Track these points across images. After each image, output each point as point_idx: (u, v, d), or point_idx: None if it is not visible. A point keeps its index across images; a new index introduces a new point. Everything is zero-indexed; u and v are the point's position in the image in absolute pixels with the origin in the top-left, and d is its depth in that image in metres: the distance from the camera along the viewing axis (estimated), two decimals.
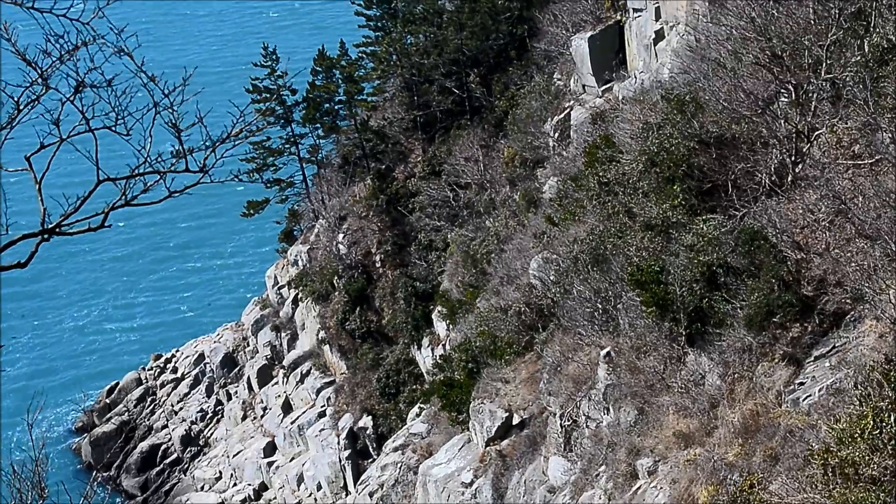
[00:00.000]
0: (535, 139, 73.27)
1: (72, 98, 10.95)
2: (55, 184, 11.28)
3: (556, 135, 70.46)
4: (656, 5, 62.83)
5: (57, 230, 11.27)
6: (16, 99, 10.98)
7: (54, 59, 10.79)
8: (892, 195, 29.40)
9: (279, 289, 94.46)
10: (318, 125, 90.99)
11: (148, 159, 11.22)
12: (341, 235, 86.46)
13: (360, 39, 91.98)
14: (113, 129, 11.13)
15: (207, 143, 11.48)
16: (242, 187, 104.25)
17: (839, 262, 31.32)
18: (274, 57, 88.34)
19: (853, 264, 30.68)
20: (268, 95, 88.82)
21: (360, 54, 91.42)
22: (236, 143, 11.67)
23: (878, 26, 35.39)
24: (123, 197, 11.34)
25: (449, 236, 78.31)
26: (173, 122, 11.20)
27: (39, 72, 10.78)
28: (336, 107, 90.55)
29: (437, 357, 69.07)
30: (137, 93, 11.26)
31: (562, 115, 71.01)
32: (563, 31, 76.20)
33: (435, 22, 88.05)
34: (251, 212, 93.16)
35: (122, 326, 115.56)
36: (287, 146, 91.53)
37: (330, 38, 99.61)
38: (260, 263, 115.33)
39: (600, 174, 44.48)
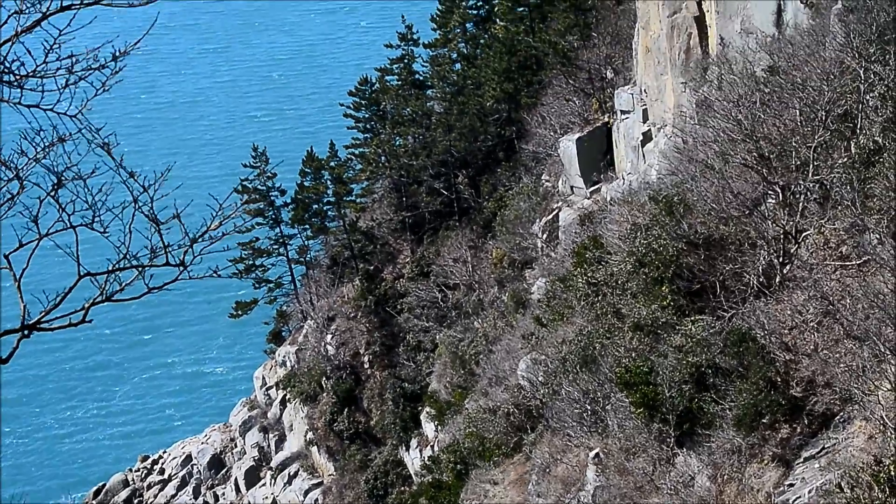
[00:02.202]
0: (524, 240, 73.43)
1: (50, 194, 10.94)
2: (35, 280, 11.21)
3: (545, 236, 70.61)
4: (644, 107, 63.29)
5: (38, 326, 11.20)
6: None
7: (30, 157, 10.80)
8: (880, 296, 29.38)
9: (267, 389, 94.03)
10: (307, 226, 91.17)
11: (128, 255, 11.20)
12: (330, 336, 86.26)
13: (349, 141, 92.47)
14: (90, 226, 11.11)
15: (186, 240, 11.45)
16: (238, 290, 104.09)
17: (828, 363, 31.21)
18: (263, 158, 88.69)
19: (842, 365, 30.57)
20: (257, 196, 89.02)
21: (349, 155, 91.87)
22: (216, 238, 11.63)
23: (864, 128, 35.60)
24: (103, 293, 11.30)
25: (437, 337, 78.14)
26: (152, 215, 11.18)
27: (15, 171, 10.77)
28: (325, 208, 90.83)
29: (426, 458, 68.60)
30: (115, 191, 11.25)
31: (550, 217, 71.22)
32: (552, 133, 76.72)
33: (423, 123, 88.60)
34: (239, 312, 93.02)
35: (108, 427, 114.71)
36: (276, 247, 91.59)
37: (319, 140, 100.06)
38: (248, 364, 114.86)
39: (589, 275, 44.45)
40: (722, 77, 48.02)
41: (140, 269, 11.29)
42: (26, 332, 11.16)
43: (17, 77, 10.67)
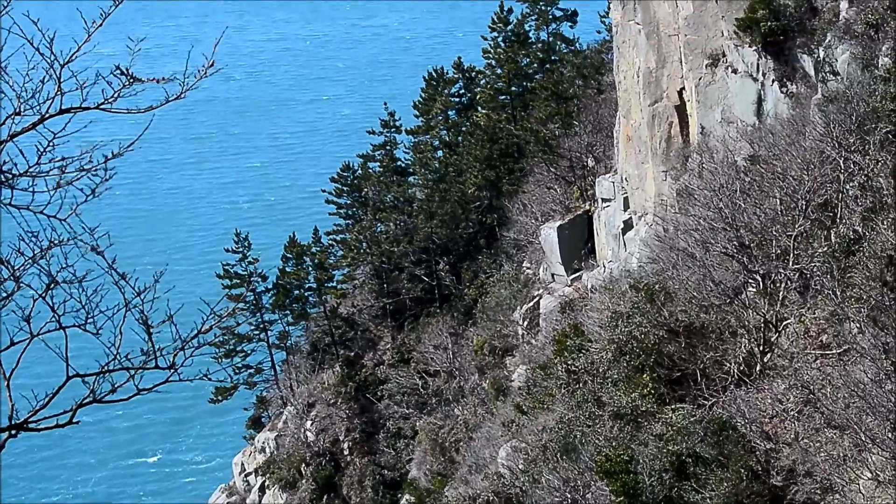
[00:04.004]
0: (505, 327, 73.43)
1: (43, 295, 10.99)
2: (24, 379, 11.23)
3: (526, 323, 70.65)
4: (625, 195, 63.65)
5: (25, 426, 11.20)
6: None
7: (27, 258, 10.88)
8: (860, 385, 29.44)
9: (246, 476, 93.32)
10: (288, 312, 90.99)
11: (118, 357, 11.23)
12: (309, 423, 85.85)
13: (331, 227, 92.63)
14: (83, 327, 11.15)
15: (177, 343, 11.49)
16: (218, 375, 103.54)
17: (808, 452, 31.21)
18: (246, 243, 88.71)
19: (822, 454, 30.58)
20: (238, 281, 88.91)
21: (330, 242, 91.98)
22: (207, 343, 11.68)
23: (844, 217, 35.88)
24: (92, 394, 11.32)
25: (417, 424, 77.85)
26: (144, 319, 11.22)
27: (11, 271, 10.83)
28: (306, 293, 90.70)
29: None
30: (108, 292, 11.30)
31: (531, 304, 71.28)
32: (533, 221, 77.04)
33: (405, 210, 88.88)
34: (219, 398, 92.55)
35: None
36: (256, 332, 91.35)
37: (301, 227, 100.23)
38: (227, 450, 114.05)
39: (569, 363, 44.41)
40: (703, 166, 48.44)
41: (130, 371, 11.31)
42: (14, 431, 11.15)
43: (9, 177, 10.77)
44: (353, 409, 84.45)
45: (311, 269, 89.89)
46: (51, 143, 10.90)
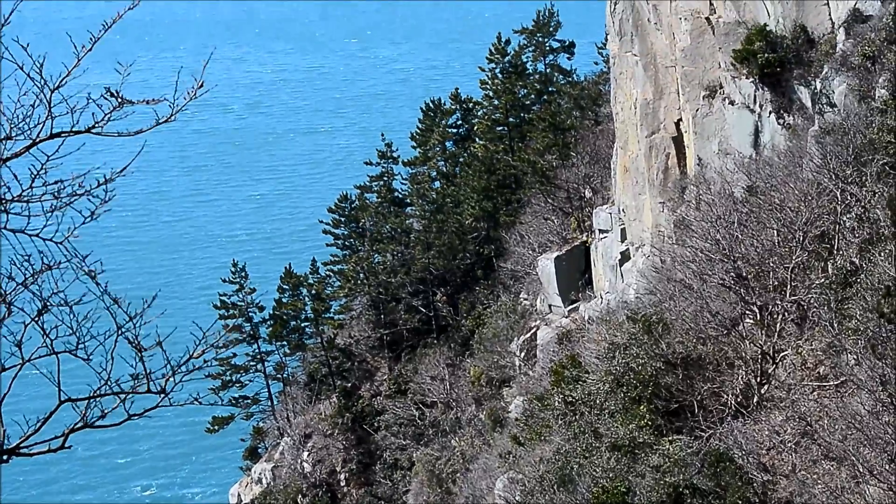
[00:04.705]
0: (502, 358, 73.34)
1: (35, 319, 10.96)
2: (15, 404, 11.18)
3: (523, 354, 70.57)
4: (622, 227, 63.67)
5: (17, 451, 11.16)
6: None
7: (18, 282, 10.86)
8: (857, 417, 29.38)
9: None
10: (285, 342, 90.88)
11: (109, 381, 11.19)
12: (306, 453, 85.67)
13: (327, 257, 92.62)
14: (74, 353, 11.13)
15: (168, 368, 11.47)
16: (214, 405, 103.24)
17: (806, 484, 31.12)
18: (243, 273, 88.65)
19: (820, 486, 30.49)
20: (235, 312, 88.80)
21: (327, 272, 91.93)
22: (198, 367, 11.65)
23: (841, 249, 35.88)
24: (84, 419, 11.28)
25: (414, 455, 77.67)
26: (136, 342, 11.19)
27: (3, 296, 10.81)
28: (303, 324, 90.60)
29: None
30: (100, 317, 11.27)
31: (528, 335, 71.22)
32: (530, 252, 77.04)
33: (402, 241, 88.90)
34: (216, 428, 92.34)
35: None
36: (253, 363, 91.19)
37: (298, 259, 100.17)
38: (223, 481, 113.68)
39: (566, 394, 44.34)
40: (700, 197, 48.46)
41: (122, 395, 11.28)
42: (5, 457, 11.12)
43: (3, 201, 10.76)
44: (350, 440, 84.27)
45: (308, 299, 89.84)
46: (44, 167, 10.89)
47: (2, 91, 11.05)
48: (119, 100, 11.05)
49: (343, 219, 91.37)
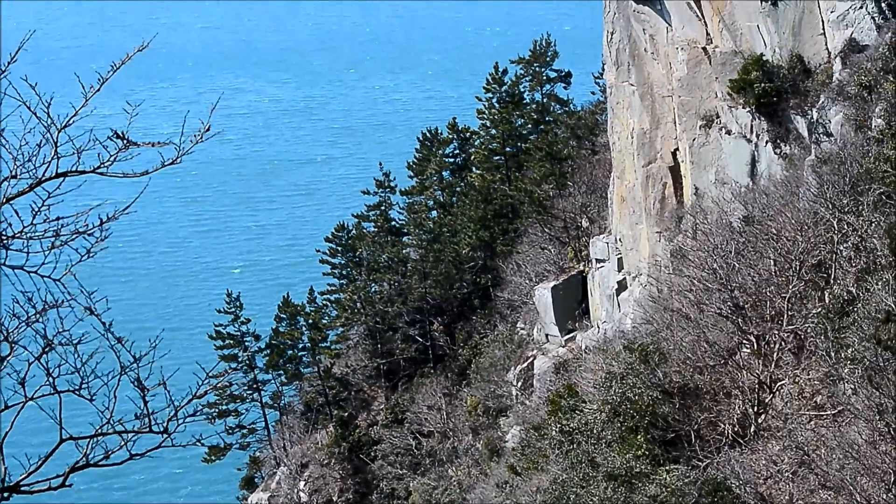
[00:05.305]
0: (499, 388, 73.29)
1: (39, 358, 10.97)
2: (17, 441, 11.18)
3: (520, 384, 70.53)
4: (619, 256, 63.74)
5: (18, 489, 11.16)
6: None
7: (21, 320, 10.88)
8: (855, 447, 29.39)
9: None
10: (282, 372, 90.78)
11: (111, 421, 11.20)
12: (303, 483, 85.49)
13: (324, 287, 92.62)
14: (77, 392, 11.14)
15: (171, 409, 11.48)
16: (210, 434, 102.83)
17: None
18: (237, 303, 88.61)
19: None
20: (231, 342, 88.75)
21: (324, 301, 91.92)
22: (199, 409, 11.67)
23: (838, 278, 35.95)
24: (85, 458, 11.28)
25: (411, 485, 77.54)
26: (140, 384, 11.20)
27: (6, 334, 10.83)
28: (299, 353, 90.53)
29: None
30: (104, 358, 11.29)
31: (525, 364, 71.21)
32: (527, 281, 77.08)
33: (399, 270, 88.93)
34: (212, 458, 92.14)
35: None
36: (249, 392, 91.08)
37: (295, 290, 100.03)
38: None
39: (563, 423, 44.31)
40: (697, 226, 48.53)
41: (124, 435, 11.28)
42: (6, 494, 11.11)
43: (4, 238, 10.78)
44: (347, 470, 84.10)
45: (305, 328, 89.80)
46: (45, 204, 10.91)
47: (4, 128, 11.08)
48: (125, 142, 11.09)
49: (340, 248, 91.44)
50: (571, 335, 68.90)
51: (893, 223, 34.54)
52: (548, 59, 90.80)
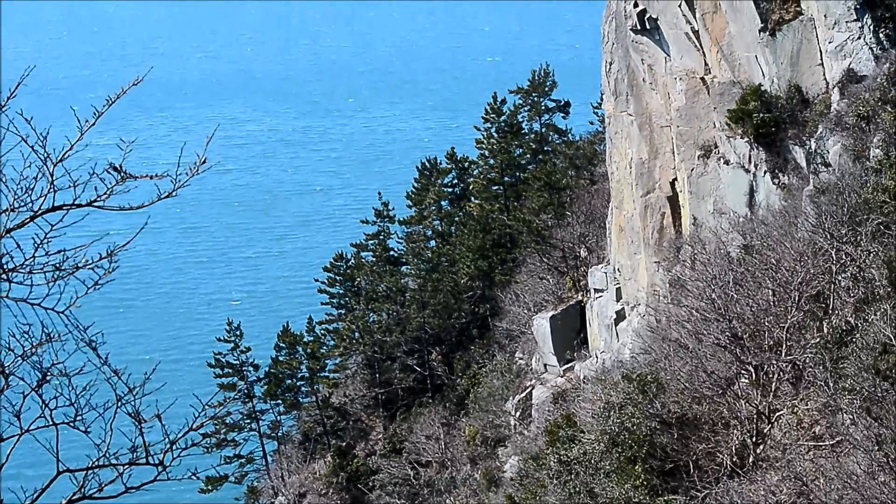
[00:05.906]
0: (497, 418, 73.18)
1: (34, 390, 10.96)
2: (14, 474, 11.14)
3: (518, 413, 70.44)
4: (617, 286, 63.75)
5: None
6: None
7: (17, 354, 10.87)
8: (853, 477, 29.33)
9: None
10: (280, 401, 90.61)
11: (107, 454, 11.18)
12: None
13: (322, 316, 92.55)
14: (72, 424, 11.12)
15: (166, 442, 11.46)
16: (206, 464, 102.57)
17: None
18: (238, 332, 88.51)
19: None
20: (230, 371, 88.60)
21: (322, 331, 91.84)
22: (196, 443, 11.65)
23: (836, 308, 35.95)
24: (81, 490, 11.24)
25: None
26: (136, 416, 11.19)
27: (1, 368, 10.83)
28: (298, 383, 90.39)
29: None
30: (97, 389, 11.28)
31: (523, 394, 71.14)
32: (525, 311, 77.03)
33: (398, 300, 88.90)
34: (210, 488, 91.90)
35: None
36: (247, 421, 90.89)
37: (294, 317, 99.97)
38: None
39: (561, 453, 44.24)
40: (695, 256, 48.55)
41: (120, 468, 11.26)
42: None
43: (4, 271, 10.79)
44: (345, 500, 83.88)
45: (303, 358, 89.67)
46: (46, 237, 10.92)
47: (5, 163, 11.11)
48: (122, 174, 11.10)
49: (338, 278, 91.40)
50: (570, 365, 68.84)
51: (892, 254, 34.58)
52: (546, 88, 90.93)
